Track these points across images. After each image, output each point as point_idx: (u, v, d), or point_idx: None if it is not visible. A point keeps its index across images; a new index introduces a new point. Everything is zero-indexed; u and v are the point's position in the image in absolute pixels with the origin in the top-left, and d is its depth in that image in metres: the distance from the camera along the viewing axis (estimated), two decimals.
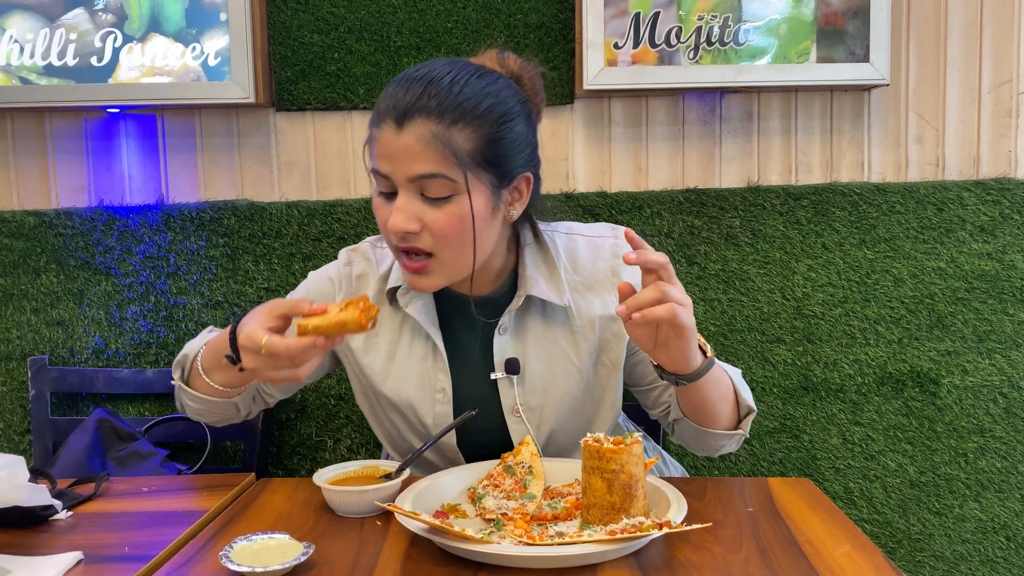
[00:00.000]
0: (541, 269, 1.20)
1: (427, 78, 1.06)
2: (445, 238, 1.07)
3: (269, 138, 1.93)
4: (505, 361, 1.19)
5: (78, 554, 0.96)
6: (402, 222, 1.06)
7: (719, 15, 1.80)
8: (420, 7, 1.88)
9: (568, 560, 0.89)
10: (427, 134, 1.04)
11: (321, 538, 1.00)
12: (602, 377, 1.23)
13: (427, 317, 1.19)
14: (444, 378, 1.20)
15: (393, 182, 1.07)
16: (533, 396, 1.20)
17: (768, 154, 1.94)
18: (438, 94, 1.04)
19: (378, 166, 1.07)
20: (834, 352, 1.92)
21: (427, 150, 1.04)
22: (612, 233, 1.25)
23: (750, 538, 0.97)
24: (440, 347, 1.19)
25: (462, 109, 1.05)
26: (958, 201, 1.91)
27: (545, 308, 1.20)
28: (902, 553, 1.93)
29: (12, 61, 1.80)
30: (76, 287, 1.91)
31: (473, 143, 1.05)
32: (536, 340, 1.20)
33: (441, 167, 1.04)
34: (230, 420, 1.27)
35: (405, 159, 1.04)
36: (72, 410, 1.92)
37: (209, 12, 1.80)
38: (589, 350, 1.21)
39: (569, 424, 1.23)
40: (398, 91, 1.06)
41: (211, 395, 1.17)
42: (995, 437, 1.92)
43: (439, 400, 1.20)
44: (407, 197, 1.06)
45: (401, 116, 1.04)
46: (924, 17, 1.92)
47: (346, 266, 1.27)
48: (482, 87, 1.07)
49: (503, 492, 1.06)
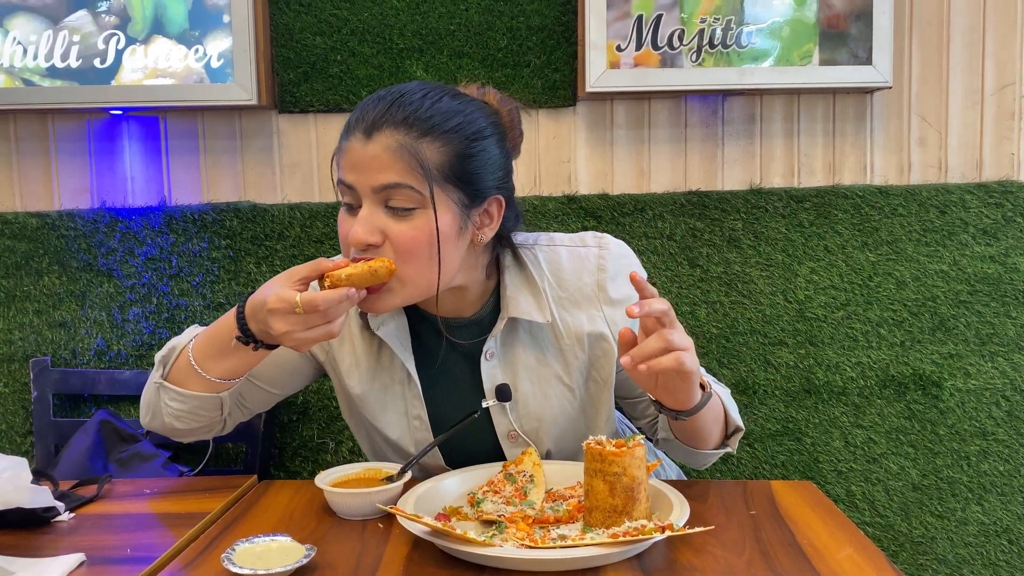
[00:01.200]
0: (522, 290, 1.16)
1: (399, 92, 1.06)
2: (407, 253, 1.03)
3: (272, 140, 1.93)
4: (496, 388, 1.16)
5: (80, 556, 0.96)
6: (364, 233, 1.03)
7: (721, 17, 1.80)
8: (423, 9, 1.88)
9: (570, 563, 0.89)
10: (394, 144, 1.02)
11: (323, 540, 1.00)
12: (594, 394, 1.21)
13: (399, 341, 1.15)
14: (419, 404, 1.17)
15: (358, 193, 1.05)
16: (527, 420, 1.18)
17: (770, 156, 1.94)
18: (409, 106, 1.04)
19: (344, 176, 1.05)
20: (836, 355, 1.91)
21: (394, 160, 1.02)
22: (596, 243, 1.21)
23: (752, 541, 0.97)
24: (413, 373, 1.16)
25: (432, 122, 1.04)
26: (961, 204, 1.90)
27: (532, 329, 1.17)
28: (904, 556, 1.93)
29: (15, 63, 1.81)
30: (78, 289, 1.91)
31: (441, 157, 1.04)
32: (525, 363, 1.17)
33: (407, 178, 1.02)
34: (207, 430, 1.20)
35: (371, 168, 1.03)
36: (74, 412, 1.92)
37: (212, 14, 1.80)
38: (579, 368, 1.19)
39: (565, 444, 1.22)
40: (368, 104, 1.06)
41: (203, 390, 1.12)
42: (997, 440, 1.92)
43: (416, 427, 1.18)
44: (371, 208, 1.04)
45: (370, 127, 1.03)
46: (927, 20, 1.92)
47: None
48: (455, 105, 1.07)
49: (503, 498, 1.06)
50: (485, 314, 1.18)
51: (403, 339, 1.16)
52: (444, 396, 1.18)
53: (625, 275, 1.16)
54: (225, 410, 1.18)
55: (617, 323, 1.17)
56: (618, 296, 1.18)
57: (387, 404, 1.19)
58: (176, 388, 1.13)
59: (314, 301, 0.97)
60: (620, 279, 1.18)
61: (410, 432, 1.18)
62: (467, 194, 1.07)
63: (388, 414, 1.19)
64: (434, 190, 1.03)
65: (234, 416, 1.24)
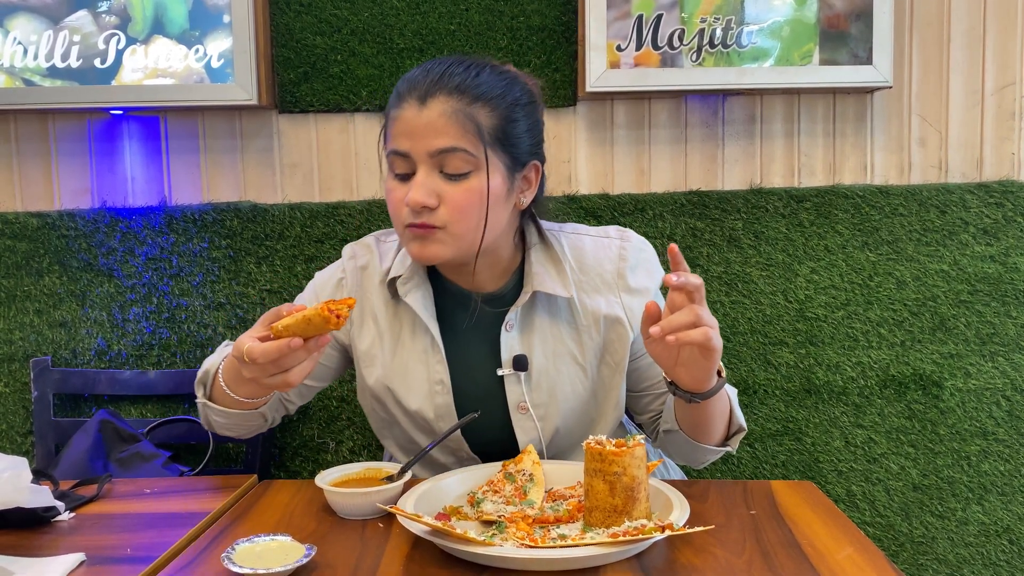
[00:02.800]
0: (547, 266, 1.21)
1: (446, 63, 1.12)
2: (461, 212, 1.09)
3: (272, 140, 1.93)
4: (513, 358, 1.20)
5: (80, 555, 0.96)
6: (422, 196, 1.08)
7: (722, 17, 1.80)
8: (423, 9, 1.88)
9: (570, 563, 0.89)
10: (449, 109, 1.08)
11: (323, 540, 1.00)
12: (606, 377, 1.23)
13: (425, 309, 1.20)
14: (442, 369, 1.20)
15: (413, 160, 1.10)
16: (539, 393, 1.20)
17: (771, 156, 1.94)
18: (459, 75, 1.10)
19: (397, 145, 1.10)
20: (836, 355, 1.91)
21: (449, 124, 1.08)
22: (619, 235, 1.26)
23: (752, 541, 0.97)
24: (437, 338, 1.19)
25: (480, 90, 1.10)
26: (961, 204, 1.90)
27: (551, 306, 1.21)
28: (905, 556, 1.93)
29: (16, 63, 1.81)
30: (79, 288, 1.91)
31: (490, 122, 1.10)
32: (542, 338, 1.21)
33: (462, 141, 1.08)
34: (257, 430, 1.27)
35: (427, 134, 1.08)
36: (74, 411, 1.92)
37: (212, 14, 1.80)
38: (594, 349, 1.22)
39: (573, 422, 1.23)
40: (417, 75, 1.11)
41: (237, 408, 1.17)
42: (998, 440, 1.92)
43: (438, 392, 1.20)
44: (426, 172, 1.09)
45: (424, 94, 1.09)
46: (927, 20, 1.92)
47: (350, 259, 1.28)
48: (497, 75, 1.14)
49: (502, 498, 1.06)
50: (508, 290, 1.22)
51: (428, 307, 1.20)
52: (464, 364, 1.21)
53: (645, 267, 1.23)
54: (269, 417, 1.26)
55: (634, 310, 1.21)
56: (637, 285, 1.22)
57: (409, 371, 1.21)
58: (217, 407, 1.19)
59: (253, 354, 0.99)
60: (640, 270, 1.23)
61: (431, 398, 1.20)
62: (512, 157, 1.13)
63: (409, 381, 1.21)
64: (487, 152, 1.09)
65: (279, 413, 1.31)
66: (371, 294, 1.24)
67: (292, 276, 1.91)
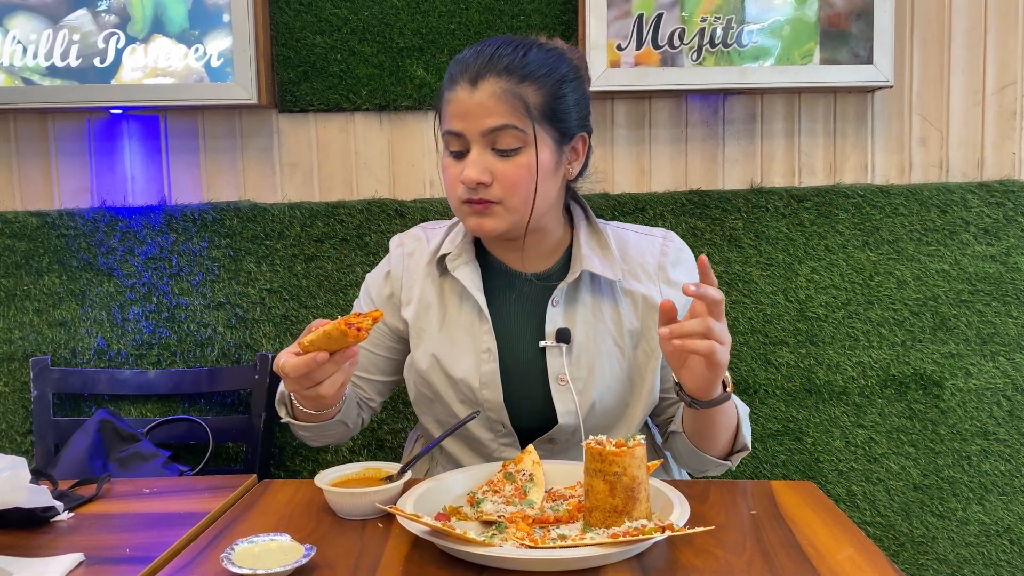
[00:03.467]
0: (594, 248, 1.27)
1: (495, 45, 1.18)
2: (514, 187, 1.16)
3: (272, 139, 1.93)
4: (556, 331, 1.24)
5: (79, 555, 0.96)
6: (476, 173, 1.15)
7: (722, 17, 1.80)
8: (423, 9, 1.88)
9: (570, 563, 0.89)
10: (499, 90, 1.15)
11: (322, 540, 1.00)
12: (641, 362, 1.27)
13: (472, 282, 1.25)
14: (489, 339, 1.24)
15: (466, 139, 1.16)
16: (578, 367, 1.24)
17: (771, 156, 1.94)
18: (507, 56, 1.16)
19: (451, 125, 1.17)
20: (837, 354, 1.91)
21: (499, 104, 1.14)
22: (662, 235, 1.32)
23: (753, 541, 0.97)
24: (484, 310, 1.24)
25: (528, 69, 1.16)
26: (962, 203, 1.90)
27: (594, 287, 1.26)
28: (905, 556, 1.93)
29: (15, 62, 1.81)
30: (78, 288, 1.91)
31: (538, 99, 1.16)
32: (585, 315, 1.25)
33: (511, 119, 1.15)
34: (347, 435, 1.34)
35: (478, 114, 1.15)
36: (74, 411, 1.92)
37: (212, 13, 1.80)
38: (632, 333, 1.26)
39: (608, 400, 1.26)
40: (468, 58, 1.18)
41: (313, 421, 1.22)
42: (999, 440, 1.92)
43: (484, 360, 1.24)
44: (479, 151, 1.16)
45: (475, 76, 1.15)
46: (928, 19, 1.91)
47: (397, 248, 1.36)
48: (544, 53, 1.20)
49: (502, 498, 1.06)
50: (554, 270, 1.28)
51: (476, 281, 1.26)
52: (509, 336, 1.26)
53: (684, 264, 1.30)
54: (351, 423, 1.32)
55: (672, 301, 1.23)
56: (676, 278, 1.28)
57: (456, 341, 1.26)
58: (297, 423, 1.25)
59: (284, 369, 1.06)
60: (680, 267, 1.30)
61: (477, 366, 1.24)
62: (559, 131, 1.19)
63: (457, 351, 1.26)
64: (535, 128, 1.16)
65: (365, 413, 1.39)
66: (418, 275, 1.31)
67: (292, 275, 1.91)
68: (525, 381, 1.24)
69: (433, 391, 1.29)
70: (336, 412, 1.24)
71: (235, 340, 1.91)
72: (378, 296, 1.35)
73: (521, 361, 1.25)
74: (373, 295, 1.36)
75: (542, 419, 1.25)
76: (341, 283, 1.91)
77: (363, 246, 1.90)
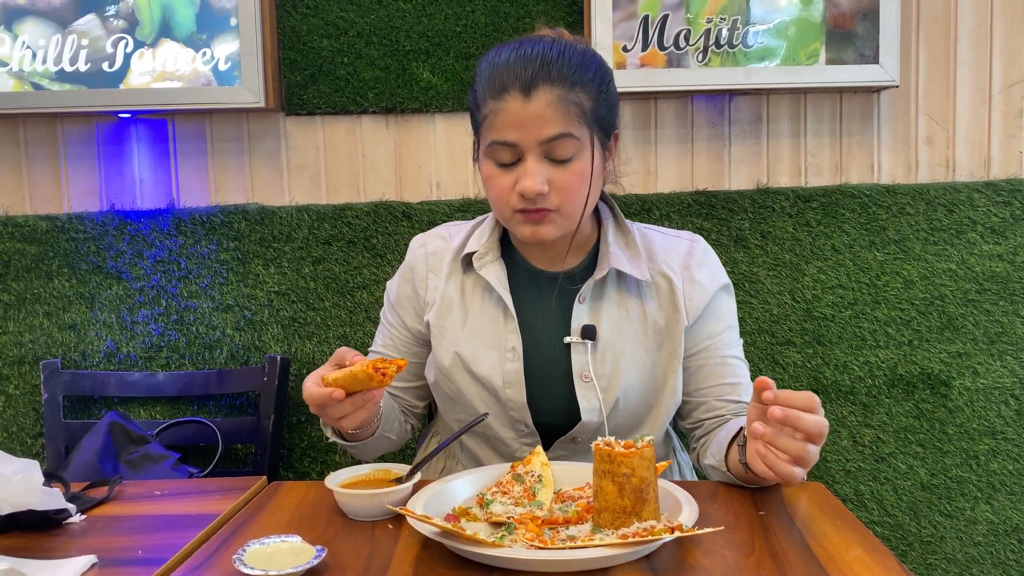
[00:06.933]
0: (622, 247, 1.26)
1: (539, 51, 1.15)
2: (572, 194, 1.15)
3: (279, 142, 1.94)
4: (582, 327, 1.23)
5: (92, 557, 0.96)
6: (537, 184, 1.13)
7: (728, 17, 1.80)
8: (429, 11, 1.89)
9: (579, 564, 0.89)
10: (554, 99, 1.12)
11: (333, 541, 1.00)
12: (664, 363, 1.26)
13: (499, 281, 1.25)
14: (514, 338, 1.24)
15: (520, 149, 1.14)
16: (603, 365, 1.23)
17: (777, 156, 1.94)
18: (556, 62, 1.14)
19: (504, 136, 1.14)
20: (844, 354, 1.91)
21: (556, 113, 1.12)
22: (689, 238, 1.32)
23: (762, 542, 0.97)
24: (510, 308, 1.24)
25: (576, 75, 1.15)
26: (968, 203, 1.90)
27: (620, 285, 1.26)
28: (914, 556, 1.93)
29: (24, 67, 1.82)
30: (88, 291, 1.92)
31: (591, 103, 1.16)
32: (610, 312, 1.25)
33: (569, 127, 1.13)
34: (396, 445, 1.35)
35: (535, 124, 1.12)
36: (84, 413, 1.93)
37: (219, 17, 1.81)
38: (655, 333, 1.26)
39: (632, 399, 1.25)
40: (515, 66, 1.14)
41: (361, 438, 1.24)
42: (1006, 439, 1.92)
43: (508, 359, 1.24)
44: (536, 161, 1.14)
45: (527, 86, 1.12)
46: (933, 18, 1.91)
47: (419, 248, 1.34)
48: (581, 54, 1.18)
49: (511, 499, 1.06)
50: (581, 268, 1.27)
51: (502, 279, 1.26)
52: (533, 334, 1.25)
53: (709, 268, 1.29)
54: (395, 434, 1.32)
55: (692, 299, 1.26)
56: (700, 278, 1.27)
57: (480, 339, 1.26)
58: (346, 443, 1.26)
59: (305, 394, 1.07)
60: (704, 269, 1.28)
61: (501, 364, 1.24)
62: (604, 132, 1.19)
63: (481, 349, 1.25)
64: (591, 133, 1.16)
65: (411, 421, 1.40)
66: (442, 273, 1.30)
67: (300, 278, 1.91)
68: (549, 379, 1.24)
69: (455, 390, 1.28)
70: (374, 430, 1.24)
71: (243, 342, 1.92)
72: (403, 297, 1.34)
73: (545, 359, 1.24)
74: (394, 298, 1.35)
75: (565, 417, 1.24)
76: (348, 285, 1.91)
77: (370, 248, 1.91)
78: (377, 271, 1.92)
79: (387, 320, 1.37)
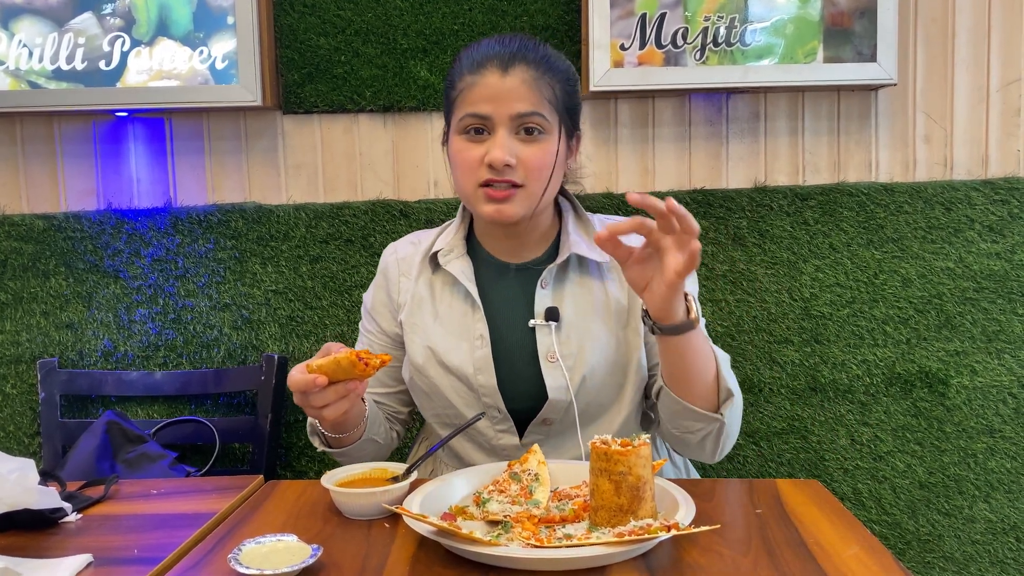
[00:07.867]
0: (582, 234, 1.31)
1: (517, 38, 1.24)
2: (535, 171, 1.21)
3: (276, 141, 1.94)
4: (545, 310, 1.27)
5: (88, 556, 0.96)
6: (505, 155, 1.18)
7: (725, 16, 1.80)
8: (426, 10, 1.89)
9: (576, 562, 0.89)
10: (529, 78, 1.20)
11: (329, 540, 1.00)
12: (628, 340, 1.29)
13: (463, 274, 1.30)
14: (482, 326, 1.28)
15: (492, 122, 1.20)
16: (568, 345, 1.27)
17: (775, 154, 1.94)
18: (534, 48, 1.23)
19: (478, 108, 1.20)
20: (842, 353, 1.91)
21: (530, 92, 1.20)
22: None
23: (759, 540, 0.97)
24: (476, 298, 1.28)
25: (551, 63, 1.24)
26: (966, 201, 1.90)
27: (582, 269, 1.31)
28: (911, 554, 1.93)
29: (21, 65, 1.81)
30: (85, 290, 1.92)
31: (560, 92, 1.23)
32: (573, 294, 1.29)
33: (539, 107, 1.20)
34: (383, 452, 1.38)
35: (510, 99, 1.19)
36: (81, 412, 1.93)
37: (216, 16, 1.80)
38: (618, 312, 1.29)
39: (599, 376, 1.27)
40: (494, 46, 1.23)
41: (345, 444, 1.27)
42: (1005, 438, 1.92)
43: (477, 346, 1.27)
44: (506, 134, 1.20)
45: (506, 63, 1.20)
46: (931, 16, 1.91)
47: (391, 255, 1.40)
48: (556, 53, 1.27)
49: (508, 497, 1.07)
50: (543, 259, 1.32)
51: (467, 272, 1.31)
52: (500, 320, 1.30)
53: None
54: (381, 439, 1.34)
55: None
56: None
57: (449, 331, 1.30)
58: (333, 450, 1.28)
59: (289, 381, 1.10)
60: None
61: (471, 352, 1.27)
62: (569, 125, 1.27)
63: (452, 340, 1.29)
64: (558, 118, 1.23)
65: (397, 426, 1.42)
66: (412, 274, 1.35)
67: (297, 276, 1.91)
68: (517, 363, 1.27)
69: (430, 384, 1.30)
70: (360, 434, 1.27)
71: (241, 341, 1.92)
72: (378, 303, 1.38)
73: (512, 344, 1.28)
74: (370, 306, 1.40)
75: (535, 399, 1.26)
76: (346, 284, 1.91)
77: (368, 247, 1.91)
78: (375, 270, 1.90)
79: (365, 329, 1.41)
